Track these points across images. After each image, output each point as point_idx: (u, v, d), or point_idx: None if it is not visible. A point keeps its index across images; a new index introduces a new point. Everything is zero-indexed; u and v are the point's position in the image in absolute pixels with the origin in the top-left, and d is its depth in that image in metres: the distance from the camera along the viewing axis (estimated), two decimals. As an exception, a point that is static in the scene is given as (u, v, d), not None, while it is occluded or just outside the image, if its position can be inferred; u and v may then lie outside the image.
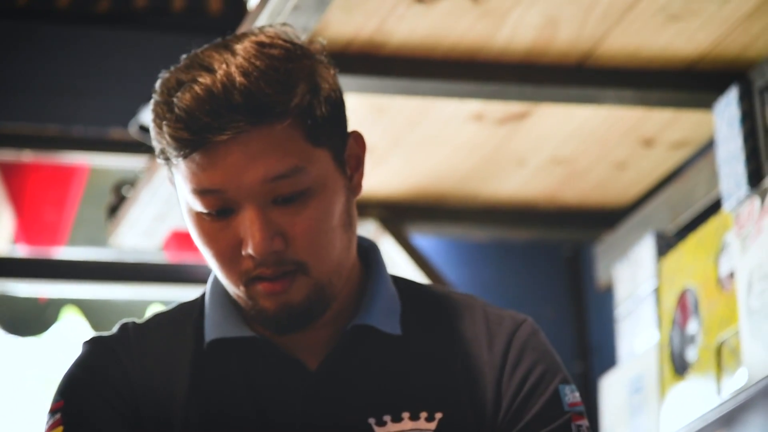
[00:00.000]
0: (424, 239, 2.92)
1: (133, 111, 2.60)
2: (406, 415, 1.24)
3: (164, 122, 1.20)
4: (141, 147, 2.66)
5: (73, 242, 3.04)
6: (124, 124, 2.68)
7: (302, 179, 1.20)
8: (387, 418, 1.23)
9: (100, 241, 3.00)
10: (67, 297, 3.00)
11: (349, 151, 1.28)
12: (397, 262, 2.77)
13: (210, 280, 1.33)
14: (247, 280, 1.23)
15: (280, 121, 1.19)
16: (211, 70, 1.19)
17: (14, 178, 2.98)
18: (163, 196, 2.55)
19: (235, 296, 1.26)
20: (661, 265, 2.35)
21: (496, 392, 1.27)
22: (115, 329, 1.30)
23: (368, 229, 2.78)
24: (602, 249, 2.78)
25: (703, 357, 2.10)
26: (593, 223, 2.84)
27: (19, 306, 2.99)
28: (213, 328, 1.27)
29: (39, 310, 3.02)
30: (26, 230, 2.99)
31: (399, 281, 1.34)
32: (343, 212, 1.24)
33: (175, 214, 2.62)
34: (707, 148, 2.48)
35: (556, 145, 2.58)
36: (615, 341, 2.57)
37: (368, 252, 1.32)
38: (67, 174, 3.01)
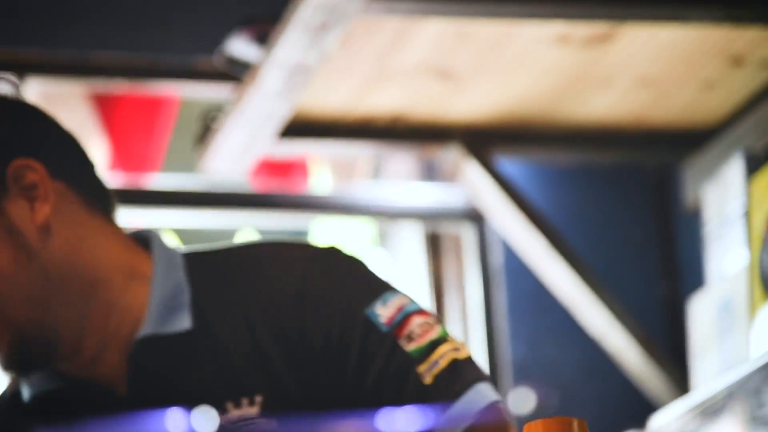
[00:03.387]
0: (509, 164, 2.91)
1: (220, 40, 2.62)
2: (230, 404, 1.19)
3: None
4: (228, 76, 2.68)
5: (166, 171, 3.07)
6: (213, 53, 2.70)
7: None
8: (211, 414, 1.17)
9: (190, 169, 3.03)
10: (158, 226, 3.05)
11: (12, 187, 1.22)
12: (482, 188, 2.77)
13: None
14: None
15: None
16: None
17: (106, 108, 3.01)
18: (250, 124, 2.57)
19: None
20: (750, 186, 2.32)
21: (309, 347, 1.19)
22: None
23: (452, 155, 2.78)
24: (690, 170, 2.75)
25: (794, 277, 2.08)
26: (681, 144, 2.81)
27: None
28: (26, 385, 1.24)
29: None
30: (119, 159, 3.03)
31: (193, 259, 1.25)
32: (16, 255, 1.18)
33: (262, 143, 2.65)
34: (798, 66, 2.44)
35: (643, 65, 2.55)
36: (703, 263, 2.55)
37: (148, 242, 1.26)
38: (158, 104, 3.04)
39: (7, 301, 1.18)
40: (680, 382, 2.67)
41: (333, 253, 1.23)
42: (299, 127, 2.69)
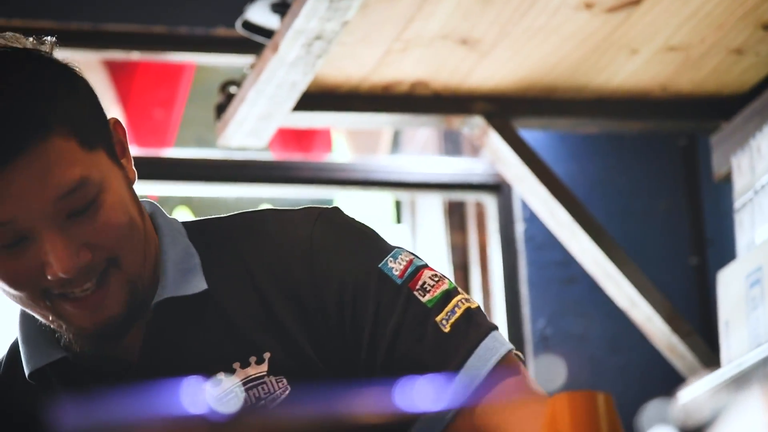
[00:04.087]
0: (532, 133, 2.86)
1: (239, 9, 2.58)
2: (236, 365, 1.20)
3: None
4: (247, 45, 2.64)
5: (181, 142, 3.05)
6: (230, 22, 2.66)
7: (90, 188, 1.15)
8: (221, 375, 1.19)
9: (207, 140, 3.00)
10: (177, 195, 3.03)
11: (115, 140, 1.22)
12: (505, 158, 2.73)
13: (18, 316, 1.26)
14: (51, 297, 1.17)
15: (50, 136, 1.14)
16: None
17: (122, 78, 2.98)
18: (269, 94, 2.53)
19: (46, 322, 1.21)
20: (781, 154, 2.27)
21: (321, 306, 1.20)
22: None
23: (475, 123, 2.73)
24: (719, 139, 2.70)
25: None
26: (709, 112, 2.76)
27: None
28: (27, 362, 1.22)
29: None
30: (134, 130, 3.01)
31: (192, 228, 1.26)
32: (132, 201, 1.20)
33: (281, 113, 2.61)
34: (830, 30, 2.38)
35: (670, 31, 2.50)
36: (733, 233, 2.51)
37: (153, 217, 1.26)
38: (174, 73, 3.01)
39: (135, 255, 1.18)
40: (708, 355, 2.63)
41: (337, 212, 1.25)
42: (319, 97, 2.65)
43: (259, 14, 2.54)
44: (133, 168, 1.23)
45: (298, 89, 2.52)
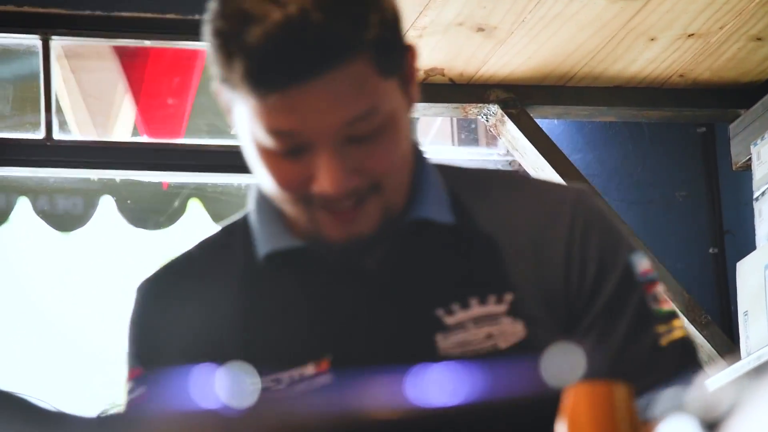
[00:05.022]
0: (548, 121, 2.84)
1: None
2: (474, 300, 1.21)
3: (234, 57, 1.13)
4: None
5: (192, 130, 3.04)
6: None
7: (377, 118, 1.16)
8: (455, 306, 1.20)
9: (218, 128, 2.99)
10: (188, 183, 3.02)
11: (408, 68, 1.22)
12: (521, 147, 2.70)
13: (253, 195, 1.28)
14: (310, 204, 1.19)
15: (356, 59, 1.14)
16: (279, 3, 1.11)
17: (134, 66, 2.98)
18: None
19: (289, 212, 1.22)
20: (802, 142, 2.25)
21: (566, 267, 1.22)
22: (160, 267, 1.27)
23: (491, 112, 2.71)
24: (738, 127, 2.67)
25: None
26: (728, 100, 2.73)
27: (143, 195, 3.01)
28: (264, 242, 1.23)
29: (164, 201, 3.04)
30: (146, 117, 3.00)
31: (443, 167, 1.29)
32: (408, 128, 1.22)
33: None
34: None
35: (689, 18, 2.48)
36: (752, 223, 2.48)
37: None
38: (185, 61, 3.00)
39: (398, 183, 1.21)
40: (727, 344, 2.61)
41: (592, 195, 1.29)
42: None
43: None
44: (417, 93, 1.24)
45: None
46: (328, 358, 1.19)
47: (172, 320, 1.24)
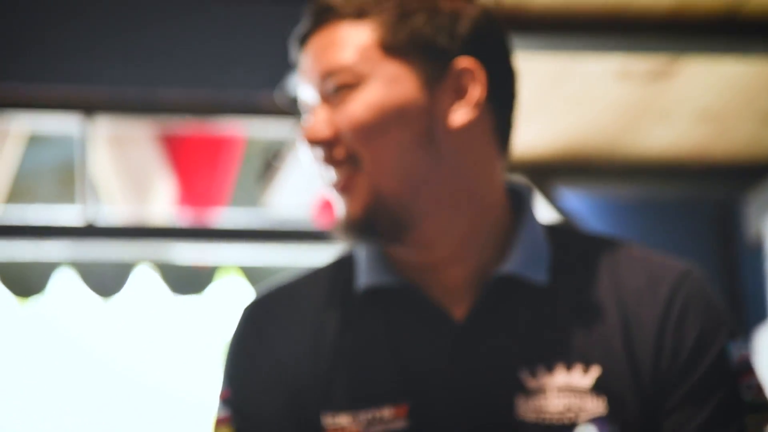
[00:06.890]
0: (570, 198, 2.90)
1: (282, 77, 2.64)
2: (560, 366, 1.18)
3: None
4: (291, 112, 2.70)
5: (233, 207, 3.09)
6: (275, 89, 2.72)
7: (343, 77, 1.20)
8: (539, 369, 1.18)
9: (256, 205, 3.05)
10: (222, 263, 3.08)
11: (450, 80, 1.22)
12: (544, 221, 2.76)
13: None
14: (327, 171, 1.24)
15: (341, 22, 1.22)
16: None
17: (173, 147, 3.04)
18: (312, 161, 2.58)
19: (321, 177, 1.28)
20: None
21: (657, 347, 1.19)
22: (269, 289, 1.29)
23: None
24: (753, 203, 2.73)
25: None
26: (743, 178, 2.79)
27: (180, 271, 3.08)
28: (365, 277, 1.24)
29: (199, 274, 3.11)
30: (187, 196, 3.06)
31: (552, 228, 1.28)
32: (420, 132, 1.20)
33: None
34: None
35: (703, 100, 2.54)
36: (767, 296, 2.52)
37: (520, 196, 1.28)
38: (224, 142, 3.06)
39: (382, 163, 1.21)
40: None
41: (703, 274, 1.27)
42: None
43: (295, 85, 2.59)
44: (463, 119, 1.22)
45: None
46: (407, 404, 1.18)
47: (266, 347, 1.24)
